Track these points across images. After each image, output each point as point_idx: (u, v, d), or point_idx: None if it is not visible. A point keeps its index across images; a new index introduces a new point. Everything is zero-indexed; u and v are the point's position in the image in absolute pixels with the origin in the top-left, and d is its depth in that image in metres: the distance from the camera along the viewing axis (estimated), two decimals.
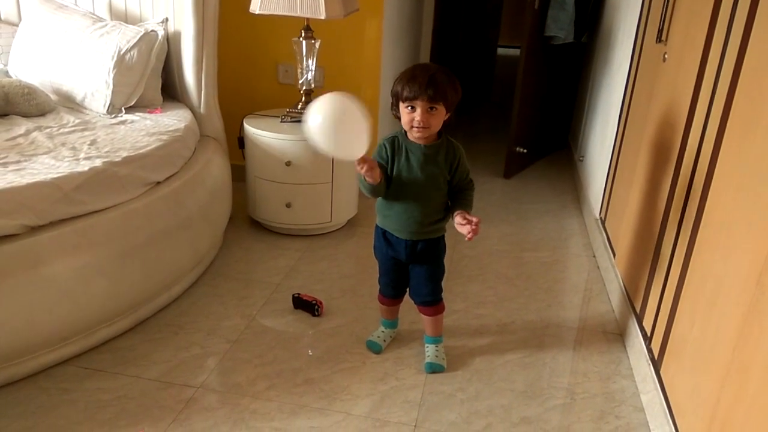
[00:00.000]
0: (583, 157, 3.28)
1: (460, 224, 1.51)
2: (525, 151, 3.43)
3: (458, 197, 1.60)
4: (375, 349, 1.78)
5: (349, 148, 1.41)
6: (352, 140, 1.38)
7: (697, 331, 1.35)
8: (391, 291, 1.75)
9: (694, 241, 1.44)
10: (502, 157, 3.40)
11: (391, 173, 1.56)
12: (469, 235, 1.49)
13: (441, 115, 1.49)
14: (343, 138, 1.38)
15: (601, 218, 2.57)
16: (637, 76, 2.25)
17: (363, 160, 1.42)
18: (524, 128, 3.38)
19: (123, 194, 1.75)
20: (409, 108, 1.47)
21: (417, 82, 1.44)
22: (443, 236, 1.66)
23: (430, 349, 1.74)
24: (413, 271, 1.68)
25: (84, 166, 1.69)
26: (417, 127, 1.48)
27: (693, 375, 1.34)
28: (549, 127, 3.77)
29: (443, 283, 1.72)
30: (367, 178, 1.47)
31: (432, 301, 1.70)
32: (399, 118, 1.55)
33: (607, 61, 2.91)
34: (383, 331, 1.82)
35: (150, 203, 1.81)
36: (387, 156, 1.56)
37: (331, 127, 1.35)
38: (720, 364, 1.21)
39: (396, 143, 1.56)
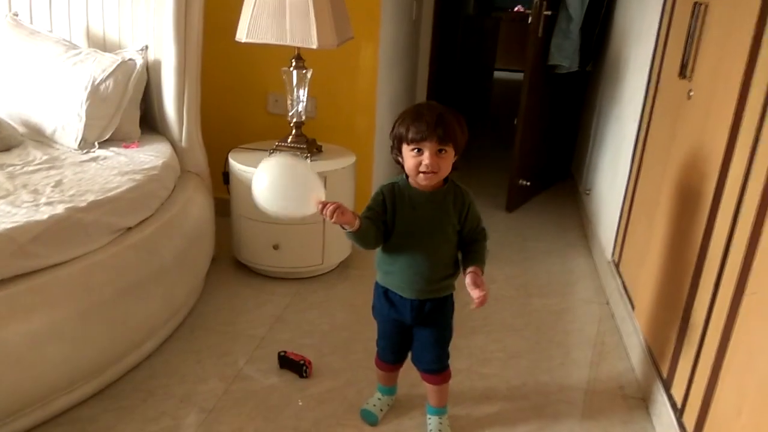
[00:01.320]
0: (590, 190, 3.11)
1: (470, 285, 1.34)
2: (528, 183, 3.26)
3: (470, 250, 1.42)
4: (370, 420, 1.58)
5: (305, 201, 1.31)
6: (305, 192, 1.31)
7: (747, 417, 1.15)
8: (392, 356, 1.55)
9: (737, 307, 1.25)
10: (503, 188, 3.22)
11: (392, 225, 1.38)
12: (477, 302, 1.32)
13: (450, 158, 1.33)
14: (296, 192, 1.32)
15: (614, 261, 2.39)
16: (654, 111, 2.09)
17: (323, 205, 1.28)
18: (527, 160, 3.22)
19: (87, 244, 1.56)
20: (416, 151, 1.30)
21: (424, 121, 1.28)
22: (452, 294, 1.48)
23: (433, 423, 1.54)
24: (417, 334, 1.48)
25: (43, 214, 1.49)
26: (425, 173, 1.31)
27: None
28: (552, 158, 3.61)
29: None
30: (344, 226, 1.30)
31: (438, 369, 1.50)
32: (400, 164, 1.38)
33: (616, 92, 2.75)
34: (380, 399, 1.62)
35: (118, 253, 1.61)
36: (385, 205, 1.38)
37: (281, 186, 1.31)
38: None
39: (396, 191, 1.38)
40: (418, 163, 1.30)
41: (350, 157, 2.34)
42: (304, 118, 2.29)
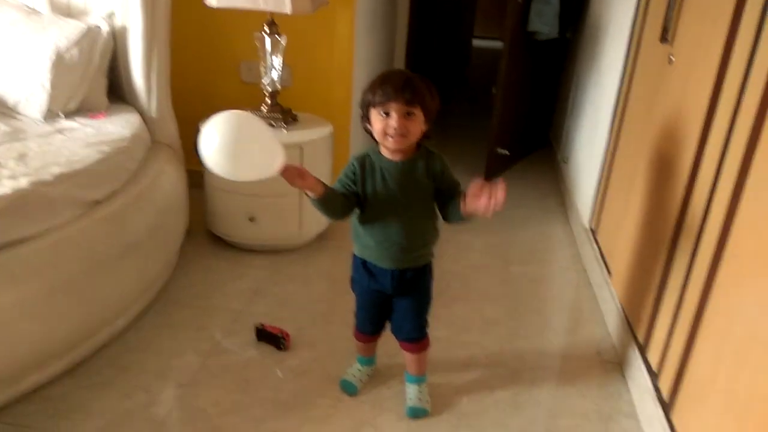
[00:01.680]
0: (567, 158, 3.11)
1: (475, 196, 1.22)
2: (507, 152, 3.24)
3: (452, 201, 1.34)
4: (350, 390, 1.57)
5: (262, 164, 1.23)
6: (261, 153, 1.22)
7: (723, 381, 1.17)
8: (370, 327, 1.54)
9: (715, 273, 1.26)
10: (482, 157, 3.20)
11: (365, 197, 1.35)
12: (489, 209, 1.21)
13: (419, 121, 1.29)
14: (251, 153, 1.21)
15: (591, 228, 2.40)
16: (634, 77, 2.07)
17: (285, 170, 1.24)
18: (506, 129, 3.19)
19: (54, 219, 1.50)
20: (383, 114, 1.27)
21: (391, 83, 1.26)
22: (431, 262, 1.46)
23: (412, 391, 1.54)
24: (397, 304, 1.47)
25: (6, 188, 1.43)
26: (393, 135, 1.28)
27: (720, 429, 1.16)
28: (530, 126, 3.59)
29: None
30: (307, 192, 1.29)
31: (417, 338, 1.50)
32: (370, 133, 1.34)
33: (595, 58, 2.73)
34: (359, 370, 1.61)
35: (86, 228, 1.56)
36: (357, 177, 1.35)
37: (233, 147, 1.18)
38: (762, 423, 1.03)
39: (367, 162, 1.35)
40: (386, 125, 1.28)
41: (327, 127, 2.29)
42: (279, 86, 2.23)
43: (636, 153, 1.88)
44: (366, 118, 1.33)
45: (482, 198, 1.21)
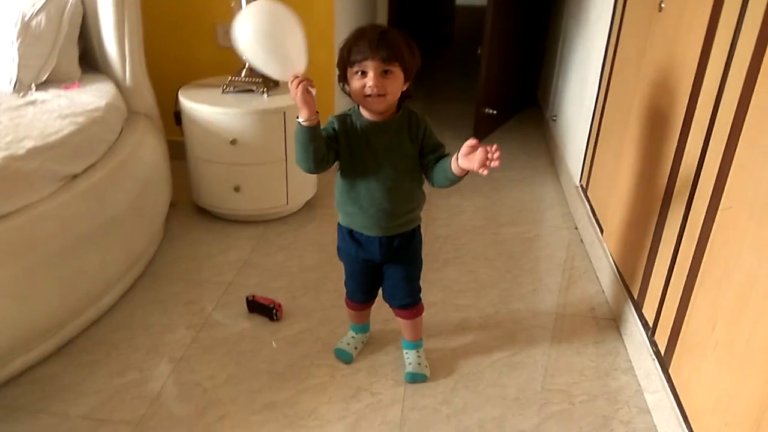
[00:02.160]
0: (556, 116, 3.06)
1: (465, 156, 1.19)
2: (494, 112, 3.19)
3: (439, 163, 1.30)
4: (345, 358, 1.55)
5: (284, 62, 1.21)
6: (288, 51, 1.21)
7: (721, 332, 1.16)
8: (362, 296, 1.51)
9: (711, 224, 1.23)
10: (469, 118, 3.15)
11: (347, 160, 1.30)
12: (486, 167, 1.17)
13: (398, 80, 1.21)
14: (279, 49, 1.20)
15: (581, 186, 2.37)
16: (622, 28, 2.01)
17: (298, 79, 1.18)
18: (493, 88, 3.13)
19: (30, 194, 1.44)
20: (359, 73, 1.20)
21: (366, 39, 1.18)
22: (419, 227, 1.42)
23: (410, 356, 1.52)
24: (388, 271, 1.43)
25: None
26: (371, 95, 1.20)
27: (719, 379, 1.16)
28: (518, 85, 3.53)
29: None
30: (300, 112, 1.19)
31: (411, 303, 1.47)
32: (348, 94, 1.26)
33: (583, 10, 2.66)
34: (353, 337, 1.59)
35: (65, 203, 1.50)
36: (338, 134, 1.28)
37: (264, 38, 1.19)
38: (762, 370, 1.03)
39: (348, 122, 1.29)
40: (363, 85, 1.19)
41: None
42: None
43: (626, 106, 1.84)
44: (343, 77, 1.25)
45: (479, 153, 1.17)
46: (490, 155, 1.16)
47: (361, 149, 1.28)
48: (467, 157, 1.20)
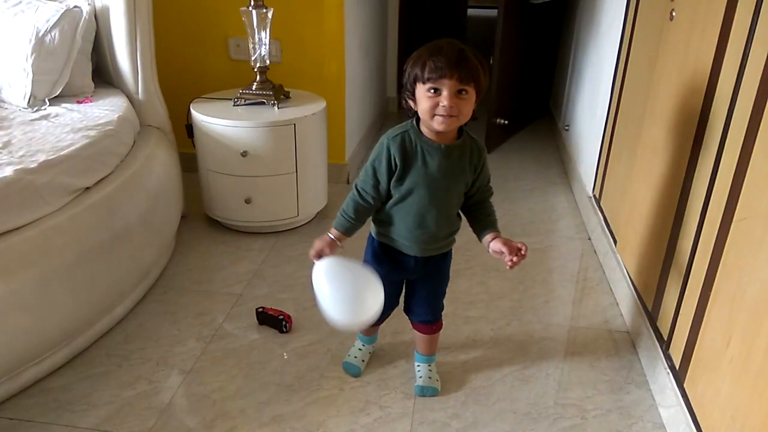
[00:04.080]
0: (568, 126, 3.04)
1: (497, 252, 1.26)
2: (506, 122, 3.18)
3: (480, 211, 1.32)
4: (353, 372, 1.54)
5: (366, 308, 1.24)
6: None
7: (736, 346, 1.13)
8: (381, 316, 1.39)
9: (726, 235, 1.21)
10: (481, 128, 3.14)
11: (401, 181, 1.24)
12: (510, 264, 1.23)
13: (471, 101, 1.17)
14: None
15: (594, 196, 2.35)
16: (634, 36, 2.00)
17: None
18: (504, 98, 3.12)
19: (42, 207, 1.45)
20: (432, 91, 1.14)
21: (443, 56, 1.12)
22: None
23: (422, 369, 1.50)
24: (417, 287, 1.42)
25: None
26: (443, 115, 1.14)
27: (734, 394, 1.13)
28: (530, 95, 3.52)
29: None
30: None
31: (433, 320, 1.45)
32: (411, 110, 1.22)
33: (594, 19, 2.65)
34: (360, 349, 1.58)
35: (77, 215, 1.51)
36: (392, 165, 1.22)
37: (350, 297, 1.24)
38: None
39: (407, 143, 1.21)
40: (435, 104, 1.14)
41: (320, 103, 2.23)
42: (268, 62, 2.16)
43: (639, 115, 1.82)
44: (410, 93, 1.19)
45: (506, 257, 1.24)
46: (518, 258, 1.23)
47: (417, 171, 1.23)
48: (497, 253, 1.26)
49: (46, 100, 1.94)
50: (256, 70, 2.15)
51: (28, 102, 1.90)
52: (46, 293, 1.41)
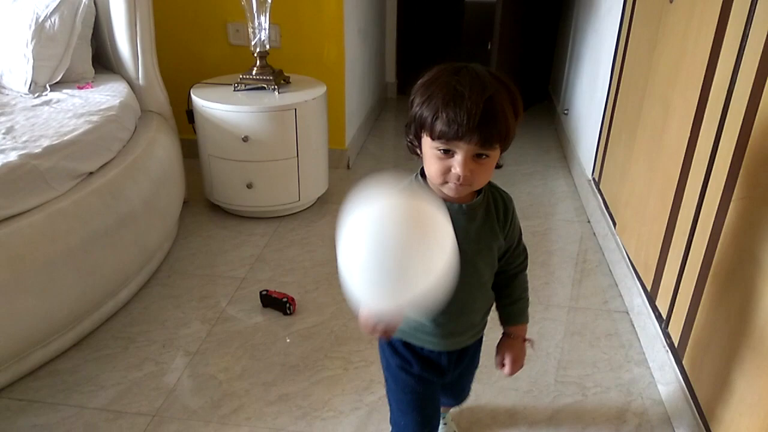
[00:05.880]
0: (567, 110, 3.05)
1: (507, 358, 1.06)
2: None
3: (512, 290, 1.05)
4: None
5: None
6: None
7: (734, 323, 1.15)
8: (429, 428, 1.11)
9: (725, 215, 1.23)
10: None
11: None
12: (508, 372, 1.06)
13: (492, 164, 0.87)
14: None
15: (594, 179, 2.36)
16: (633, 20, 2.00)
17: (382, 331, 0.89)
18: None
19: (47, 192, 1.47)
20: (442, 152, 0.84)
21: (464, 110, 0.80)
22: None
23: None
24: (450, 379, 1.11)
25: None
26: (456, 183, 0.86)
27: (732, 370, 1.16)
28: (529, 80, 3.52)
29: None
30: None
31: (462, 400, 1.29)
32: (416, 154, 0.92)
33: (593, 2, 2.64)
34: None
35: (81, 200, 1.52)
36: None
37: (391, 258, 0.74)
38: None
39: None
40: (446, 169, 0.85)
41: (320, 88, 2.23)
42: (268, 47, 2.16)
43: (638, 98, 1.83)
44: (415, 137, 0.89)
45: (514, 366, 1.07)
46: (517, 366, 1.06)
47: None
48: (500, 362, 1.08)
49: (47, 85, 1.94)
50: (255, 55, 2.15)
51: (29, 88, 1.91)
52: (51, 277, 1.43)
